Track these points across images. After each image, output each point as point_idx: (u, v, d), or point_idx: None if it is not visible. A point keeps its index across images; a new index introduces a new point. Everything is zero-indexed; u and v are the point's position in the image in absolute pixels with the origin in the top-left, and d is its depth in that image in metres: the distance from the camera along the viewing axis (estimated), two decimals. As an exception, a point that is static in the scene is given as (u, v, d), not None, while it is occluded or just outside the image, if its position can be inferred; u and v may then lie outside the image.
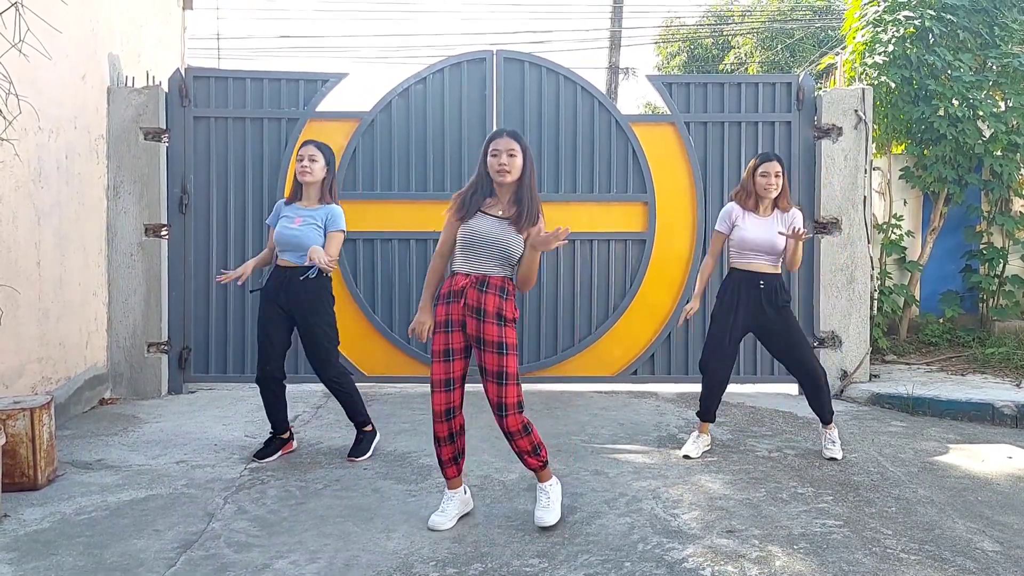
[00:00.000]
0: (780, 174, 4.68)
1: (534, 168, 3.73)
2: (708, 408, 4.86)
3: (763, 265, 4.71)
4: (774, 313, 4.69)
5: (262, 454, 4.62)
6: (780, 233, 4.62)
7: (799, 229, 4.56)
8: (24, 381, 4.97)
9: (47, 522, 3.69)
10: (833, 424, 4.81)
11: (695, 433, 4.87)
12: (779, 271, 4.76)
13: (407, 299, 6.49)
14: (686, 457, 4.69)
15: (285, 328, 4.58)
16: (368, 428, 4.79)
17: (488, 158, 3.64)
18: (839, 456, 4.68)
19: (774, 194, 4.69)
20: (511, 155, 3.61)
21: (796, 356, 4.76)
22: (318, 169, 4.56)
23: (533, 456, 3.67)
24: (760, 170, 4.69)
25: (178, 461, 4.61)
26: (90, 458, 4.65)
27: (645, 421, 5.57)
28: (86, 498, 4.00)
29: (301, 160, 4.56)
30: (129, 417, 5.61)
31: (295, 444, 4.82)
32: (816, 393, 4.76)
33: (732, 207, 4.81)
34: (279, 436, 4.70)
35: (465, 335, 3.65)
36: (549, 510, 3.66)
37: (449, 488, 3.75)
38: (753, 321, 4.73)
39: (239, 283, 4.66)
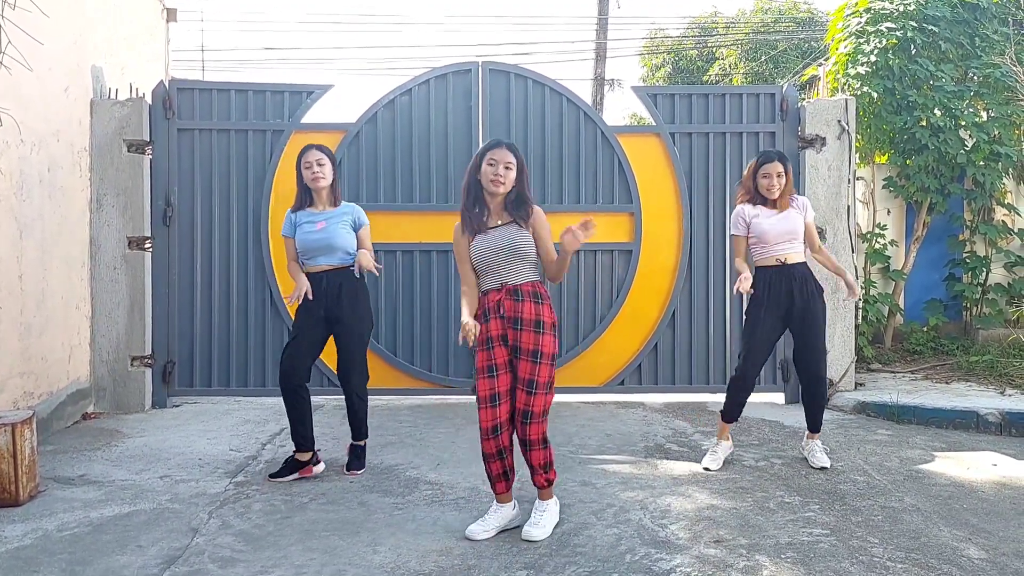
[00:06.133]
0: (783, 174, 4.59)
1: (528, 179, 3.78)
2: (735, 411, 4.83)
3: (788, 254, 4.61)
4: (802, 303, 4.59)
5: (277, 474, 4.47)
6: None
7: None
8: (6, 396, 4.92)
9: (29, 539, 3.65)
10: (819, 435, 4.81)
11: (714, 440, 4.88)
12: (804, 260, 4.69)
13: (393, 311, 6.47)
14: (705, 470, 4.65)
15: (319, 333, 4.53)
16: (363, 442, 4.73)
17: (484, 166, 3.65)
18: (827, 464, 4.65)
19: (776, 195, 4.62)
20: (508, 168, 3.64)
21: (806, 355, 4.67)
22: (328, 172, 4.57)
23: (543, 473, 3.67)
24: (761, 171, 4.62)
25: (162, 476, 4.57)
26: (73, 473, 4.60)
27: (632, 431, 5.56)
28: (68, 514, 3.95)
29: (309, 167, 4.53)
30: (112, 432, 5.56)
31: (314, 470, 4.54)
32: (812, 400, 4.73)
33: (741, 208, 4.74)
34: (296, 457, 4.51)
35: (507, 348, 3.65)
36: (539, 526, 3.64)
37: (498, 501, 3.74)
38: (784, 314, 4.62)
39: (311, 296, 4.42)
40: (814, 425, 4.78)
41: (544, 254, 3.71)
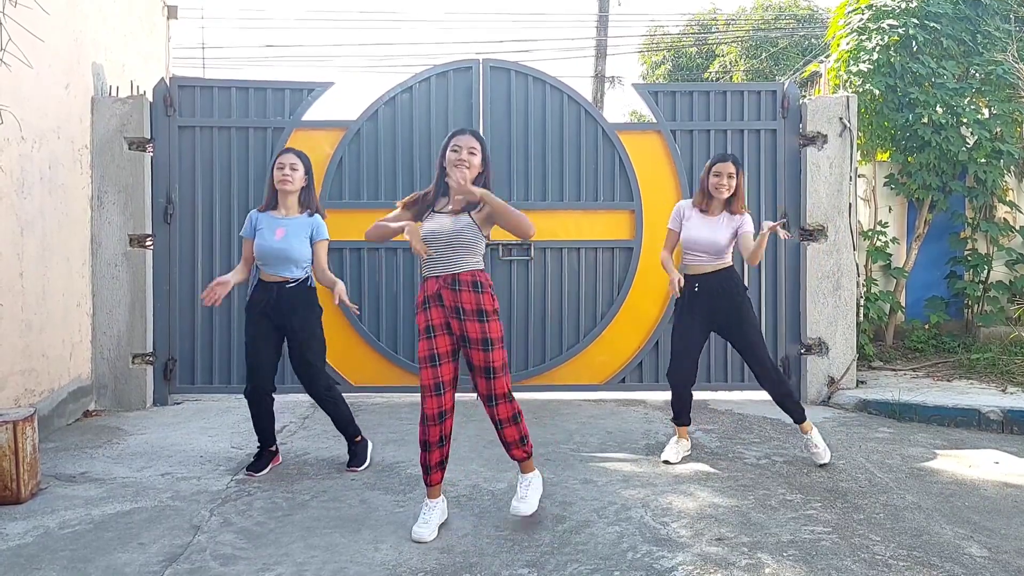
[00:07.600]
0: (734, 175, 4.60)
1: (491, 172, 3.82)
2: (679, 412, 4.87)
3: (703, 266, 4.68)
4: (726, 306, 4.65)
5: (255, 467, 4.55)
6: (771, 227, 4.40)
7: (750, 231, 4.60)
8: (7, 393, 4.92)
9: (30, 536, 3.65)
10: (810, 424, 4.76)
11: (674, 438, 4.90)
12: (723, 266, 4.68)
13: (393, 309, 6.47)
14: (665, 463, 4.71)
15: (275, 342, 4.54)
16: (359, 439, 4.75)
17: (448, 152, 3.69)
18: (828, 459, 4.66)
19: (725, 195, 4.63)
20: (471, 153, 3.68)
21: (749, 354, 4.71)
22: (298, 178, 4.52)
23: (519, 447, 3.78)
24: (713, 169, 4.65)
25: (163, 473, 4.57)
26: (74, 471, 4.60)
27: (633, 429, 5.56)
28: (70, 511, 3.95)
29: (281, 168, 4.50)
30: (113, 429, 5.56)
31: (280, 458, 4.76)
32: (775, 391, 4.70)
33: (682, 204, 4.82)
34: (268, 449, 4.65)
35: (451, 337, 3.71)
36: (525, 501, 3.73)
37: (430, 497, 3.74)
38: (710, 322, 4.72)
39: (216, 304, 4.52)
40: (794, 417, 4.74)
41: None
